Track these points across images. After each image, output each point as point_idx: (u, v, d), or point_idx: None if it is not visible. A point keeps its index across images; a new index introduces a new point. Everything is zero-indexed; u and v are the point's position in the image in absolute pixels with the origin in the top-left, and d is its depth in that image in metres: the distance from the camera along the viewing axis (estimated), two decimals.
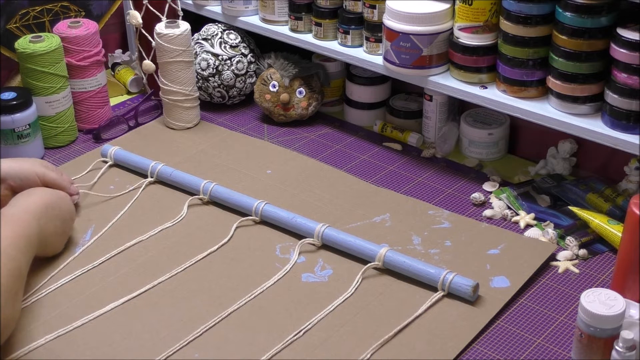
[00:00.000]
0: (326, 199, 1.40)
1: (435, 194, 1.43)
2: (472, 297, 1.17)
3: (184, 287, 1.22)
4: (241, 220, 1.34)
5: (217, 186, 1.39)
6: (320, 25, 1.54)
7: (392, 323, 1.14)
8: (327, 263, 1.26)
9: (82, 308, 1.18)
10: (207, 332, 1.14)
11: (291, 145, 1.57)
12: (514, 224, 1.35)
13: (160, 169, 1.44)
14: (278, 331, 1.13)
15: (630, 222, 1.11)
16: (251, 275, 1.24)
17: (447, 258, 1.26)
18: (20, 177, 1.27)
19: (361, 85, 1.63)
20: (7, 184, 1.26)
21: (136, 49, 1.70)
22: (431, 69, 1.42)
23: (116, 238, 1.32)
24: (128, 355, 1.10)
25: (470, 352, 1.11)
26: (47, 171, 1.30)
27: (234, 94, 1.66)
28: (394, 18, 1.40)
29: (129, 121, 1.63)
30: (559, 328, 1.15)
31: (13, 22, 1.65)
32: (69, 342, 1.12)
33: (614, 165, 1.42)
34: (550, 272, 1.25)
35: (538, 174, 1.47)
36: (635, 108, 1.23)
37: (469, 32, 1.36)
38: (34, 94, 1.52)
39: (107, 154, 1.50)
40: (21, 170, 1.27)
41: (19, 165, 1.28)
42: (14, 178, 1.26)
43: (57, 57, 1.52)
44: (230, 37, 1.64)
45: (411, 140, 1.57)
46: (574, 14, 1.23)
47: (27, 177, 1.27)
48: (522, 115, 1.34)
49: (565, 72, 1.28)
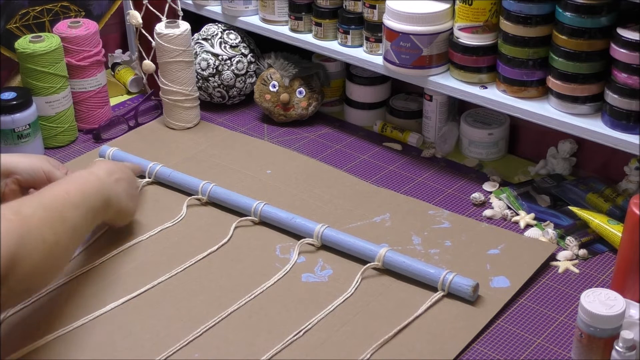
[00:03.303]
0: (326, 199, 1.40)
1: (435, 194, 1.43)
2: (472, 297, 1.17)
3: (184, 287, 1.22)
4: (240, 220, 1.34)
5: (215, 187, 1.39)
6: (320, 25, 1.54)
7: (392, 323, 1.14)
8: (327, 263, 1.26)
9: (82, 308, 1.17)
10: (207, 332, 1.14)
11: (291, 145, 1.57)
12: (514, 224, 1.35)
13: (158, 169, 1.44)
14: (278, 331, 1.13)
15: (630, 222, 1.11)
16: (251, 275, 1.24)
17: (447, 258, 1.26)
18: (29, 172, 1.26)
19: (361, 85, 1.62)
20: (15, 177, 1.25)
21: (136, 49, 1.70)
22: (431, 69, 1.42)
23: (116, 238, 1.32)
24: (128, 355, 1.10)
25: (470, 352, 1.11)
26: (54, 169, 1.29)
27: (234, 94, 1.66)
28: (394, 18, 1.40)
29: (129, 121, 1.63)
30: (559, 328, 1.15)
31: (13, 22, 1.65)
32: (69, 342, 1.12)
33: (614, 165, 1.42)
34: (550, 272, 1.25)
35: (538, 174, 1.47)
36: (635, 108, 1.23)
37: (469, 32, 1.36)
38: (34, 94, 1.52)
39: (105, 155, 1.50)
40: (30, 166, 1.26)
41: (29, 161, 1.27)
42: (23, 173, 1.25)
43: (57, 57, 1.52)
44: (230, 37, 1.64)
45: (411, 140, 1.57)
46: (574, 14, 1.23)
47: (35, 172, 1.26)
48: (522, 115, 1.34)
49: (565, 72, 1.27)
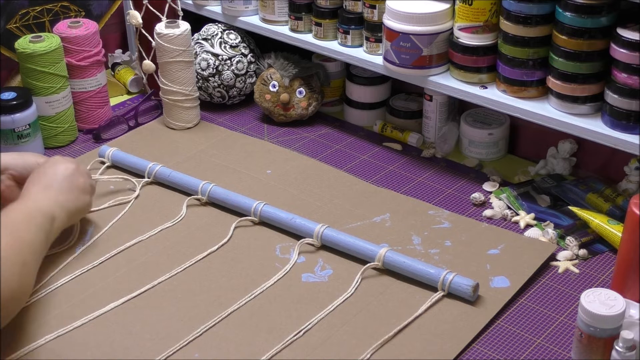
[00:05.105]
0: (326, 199, 1.40)
1: (435, 194, 1.43)
2: (472, 297, 1.17)
3: (184, 287, 1.22)
4: (240, 220, 1.34)
5: (215, 187, 1.39)
6: (320, 25, 1.54)
7: (392, 323, 1.14)
8: (327, 263, 1.26)
9: (82, 308, 1.18)
10: (207, 332, 1.13)
11: (291, 145, 1.57)
12: (514, 224, 1.35)
13: (158, 170, 1.44)
14: (278, 331, 1.13)
15: (630, 222, 1.11)
16: (251, 275, 1.24)
17: (447, 258, 1.26)
18: (23, 167, 1.27)
19: (361, 85, 1.62)
20: (9, 173, 1.26)
21: (136, 49, 1.70)
22: (431, 69, 1.42)
23: (116, 238, 1.32)
24: (128, 355, 1.10)
25: (470, 352, 1.11)
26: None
27: (234, 94, 1.66)
28: (394, 18, 1.40)
29: (129, 121, 1.63)
30: (559, 328, 1.15)
31: (13, 22, 1.65)
32: (69, 342, 1.12)
33: (614, 165, 1.42)
34: (550, 272, 1.25)
35: (538, 174, 1.47)
36: (635, 108, 1.23)
37: (469, 32, 1.36)
38: (34, 94, 1.52)
39: (104, 155, 1.50)
40: (23, 160, 1.28)
41: (20, 156, 1.29)
42: (16, 167, 1.27)
43: (57, 57, 1.52)
44: (230, 37, 1.64)
45: (411, 140, 1.57)
46: (574, 14, 1.23)
47: (30, 166, 1.27)
48: (522, 115, 1.34)
49: (565, 72, 1.27)
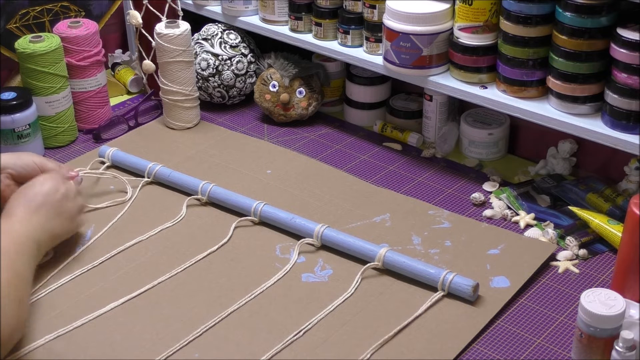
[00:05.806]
0: (326, 199, 1.40)
1: (435, 194, 1.43)
2: (472, 297, 1.17)
3: (184, 287, 1.22)
4: (240, 220, 1.34)
5: (215, 187, 1.39)
6: (320, 25, 1.54)
7: (392, 323, 1.14)
8: (327, 263, 1.26)
9: (82, 308, 1.18)
10: (207, 332, 1.13)
11: (291, 145, 1.57)
12: (514, 224, 1.35)
13: (158, 169, 1.44)
14: (278, 331, 1.13)
15: (630, 222, 1.11)
16: (251, 275, 1.24)
17: (447, 258, 1.26)
18: (21, 166, 1.27)
19: (361, 85, 1.62)
20: (7, 172, 1.27)
21: (136, 49, 1.70)
22: (431, 69, 1.42)
23: (116, 238, 1.32)
24: (128, 355, 1.10)
25: (470, 352, 1.11)
26: (45, 160, 1.30)
27: (234, 94, 1.66)
28: (394, 18, 1.40)
29: (129, 121, 1.63)
30: (559, 328, 1.15)
31: (13, 22, 1.65)
32: (69, 342, 1.12)
33: (614, 165, 1.42)
34: (550, 272, 1.25)
35: (538, 174, 1.47)
36: (635, 108, 1.23)
37: (469, 32, 1.36)
38: (34, 94, 1.52)
39: (104, 155, 1.50)
40: (21, 159, 1.28)
41: (17, 156, 1.29)
42: (14, 167, 1.27)
43: (57, 57, 1.52)
44: (230, 37, 1.64)
45: (411, 140, 1.57)
46: (574, 14, 1.23)
47: (26, 164, 1.27)
48: (522, 115, 1.34)
49: (565, 72, 1.27)
